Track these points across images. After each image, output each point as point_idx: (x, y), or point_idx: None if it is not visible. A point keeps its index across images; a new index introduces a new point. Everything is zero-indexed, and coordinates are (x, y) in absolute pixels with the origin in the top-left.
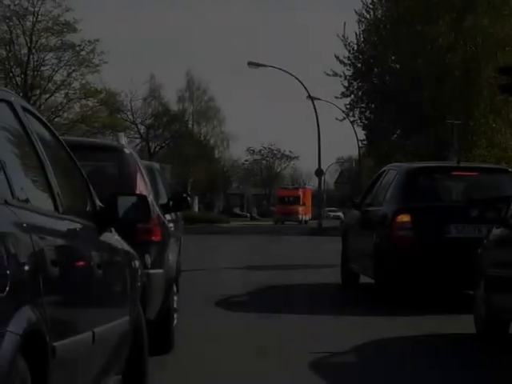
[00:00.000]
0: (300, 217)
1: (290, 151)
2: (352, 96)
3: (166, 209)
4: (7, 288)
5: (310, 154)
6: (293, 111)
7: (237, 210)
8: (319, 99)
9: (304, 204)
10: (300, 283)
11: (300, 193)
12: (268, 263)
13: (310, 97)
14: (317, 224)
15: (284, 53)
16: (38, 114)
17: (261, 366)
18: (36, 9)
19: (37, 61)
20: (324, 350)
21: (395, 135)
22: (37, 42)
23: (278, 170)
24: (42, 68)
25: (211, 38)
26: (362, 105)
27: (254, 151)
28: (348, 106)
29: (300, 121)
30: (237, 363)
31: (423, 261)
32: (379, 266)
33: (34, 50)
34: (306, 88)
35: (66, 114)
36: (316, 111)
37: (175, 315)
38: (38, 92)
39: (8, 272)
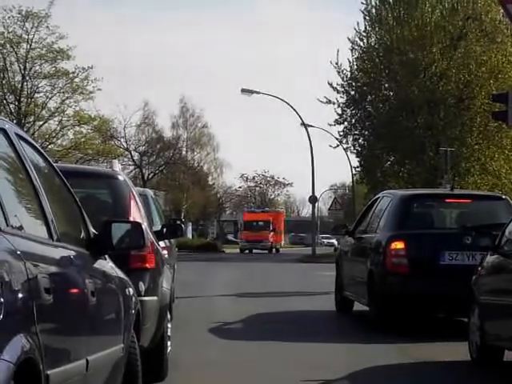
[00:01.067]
0: (270, 244)
1: (283, 178)
2: (345, 123)
3: (159, 236)
4: (1, 316)
5: (303, 181)
6: (286, 138)
7: (230, 237)
8: (313, 126)
9: (274, 230)
10: (293, 310)
11: (270, 217)
12: (261, 290)
13: (303, 124)
14: (311, 251)
15: (277, 80)
16: (32, 141)
17: None
18: (30, 36)
19: (30, 88)
20: (316, 378)
21: (389, 162)
22: (30, 69)
23: (272, 196)
24: (36, 95)
25: (205, 65)
26: (356, 132)
27: (247, 178)
28: (341, 133)
29: (293, 148)
30: None
31: (417, 288)
32: (373, 293)
33: (27, 77)
34: (299, 115)
35: (59, 141)
36: (310, 138)
37: (169, 343)
38: (31, 119)
39: (2, 300)
